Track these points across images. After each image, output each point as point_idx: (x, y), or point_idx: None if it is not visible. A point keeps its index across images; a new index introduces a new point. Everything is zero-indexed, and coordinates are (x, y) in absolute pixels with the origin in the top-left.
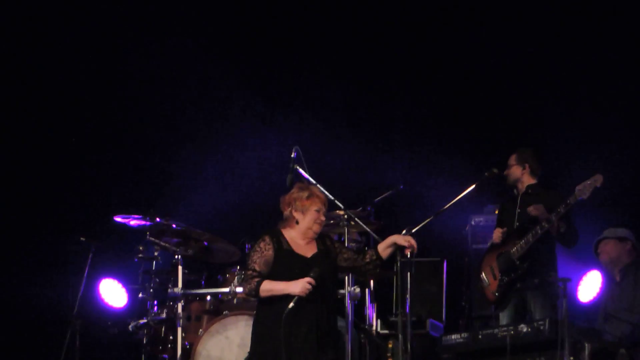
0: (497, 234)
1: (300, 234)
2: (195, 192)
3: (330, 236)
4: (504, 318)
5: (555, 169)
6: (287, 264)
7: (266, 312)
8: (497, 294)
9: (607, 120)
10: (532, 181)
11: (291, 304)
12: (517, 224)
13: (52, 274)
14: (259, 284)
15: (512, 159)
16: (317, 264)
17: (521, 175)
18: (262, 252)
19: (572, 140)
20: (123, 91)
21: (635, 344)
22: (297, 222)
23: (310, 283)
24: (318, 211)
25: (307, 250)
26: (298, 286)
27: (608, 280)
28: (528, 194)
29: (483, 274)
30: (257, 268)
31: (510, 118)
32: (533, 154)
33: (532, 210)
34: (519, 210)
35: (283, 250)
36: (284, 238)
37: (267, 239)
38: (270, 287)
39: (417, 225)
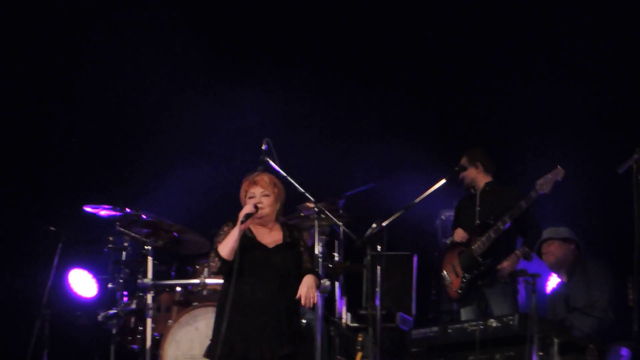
0: (461, 234)
1: (258, 222)
2: (165, 182)
3: (300, 230)
4: (465, 314)
5: (521, 163)
6: (248, 251)
7: (226, 299)
8: (459, 291)
9: (566, 115)
10: (488, 179)
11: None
12: (478, 221)
13: (21, 264)
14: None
15: (463, 162)
16: (278, 254)
17: (476, 175)
18: (224, 234)
19: (532, 135)
20: (90, 79)
21: (603, 336)
22: None
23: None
24: (252, 197)
25: (271, 239)
26: (245, 210)
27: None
28: (486, 192)
29: (444, 272)
30: (219, 250)
31: (479, 112)
32: (482, 152)
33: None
34: (479, 209)
35: (245, 237)
36: (249, 227)
37: (230, 224)
38: (224, 242)
39: (387, 219)
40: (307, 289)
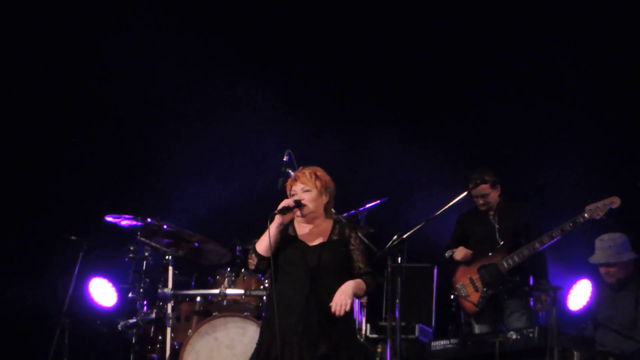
0: (462, 253)
1: (302, 219)
2: (187, 193)
3: (353, 227)
4: (479, 329)
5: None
6: (286, 249)
7: (268, 301)
8: (477, 305)
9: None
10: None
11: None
12: (501, 238)
13: (43, 273)
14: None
15: (485, 188)
16: (316, 253)
17: (497, 196)
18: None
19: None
20: (113, 89)
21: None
22: None
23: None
24: (294, 194)
25: (314, 237)
26: (282, 204)
27: (601, 288)
28: (503, 209)
29: (460, 285)
30: (257, 246)
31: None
32: (493, 171)
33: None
34: (498, 226)
35: (287, 234)
36: (293, 224)
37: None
38: (261, 238)
39: (409, 231)
40: (339, 295)
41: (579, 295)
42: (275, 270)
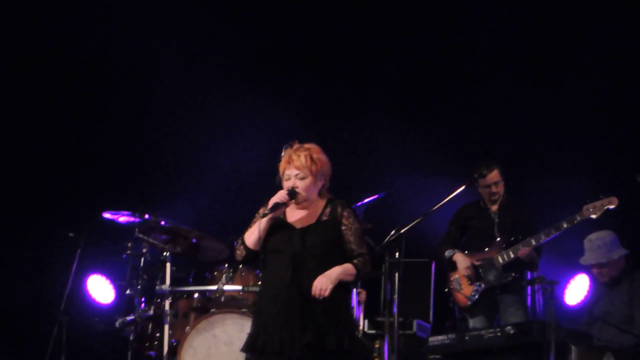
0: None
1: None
2: (184, 188)
3: (345, 206)
4: (474, 323)
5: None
6: (274, 233)
7: (259, 289)
8: (470, 299)
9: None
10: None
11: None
12: (501, 234)
13: (40, 269)
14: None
15: (497, 175)
16: (302, 236)
17: (503, 189)
18: (256, 219)
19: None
20: (112, 85)
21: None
22: None
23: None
24: (287, 179)
25: (304, 219)
26: (275, 198)
27: (596, 284)
28: (504, 204)
29: (455, 278)
30: (245, 237)
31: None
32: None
33: (523, 252)
34: (497, 221)
35: (276, 219)
36: None
37: (262, 208)
38: (251, 229)
39: (406, 226)
40: (320, 279)
41: (577, 290)
42: (264, 258)
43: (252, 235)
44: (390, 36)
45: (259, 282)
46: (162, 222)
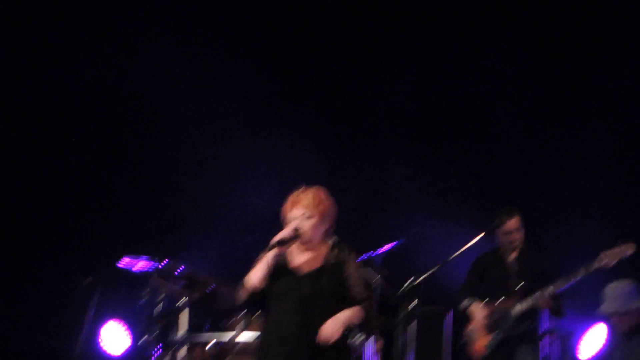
0: (482, 317)
1: (296, 246)
2: (203, 235)
3: (351, 251)
4: None
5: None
6: (278, 278)
7: (262, 334)
8: (487, 349)
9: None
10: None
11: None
12: (519, 283)
13: (56, 314)
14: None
15: (517, 222)
16: (309, 281)
17: (523, 237)
18: (258, 261)
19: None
20: (130, 130)
21: None
22: None
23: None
24: (295, 218)
25: (309, 264)
26: (279, 235)
27: (613, 335)
28: (523, 253)
29: (472, 327)
30: (249, 277)
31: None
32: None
33: (543, 302)
34: (517, 269)
35: (278, 264)
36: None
37: (264, 253)
38: (253, 270)
39: (424, 274)
40: (330, 322)
41: (592, 341)
42: (268, 302)
43: (257, 274)
44: (411, 80)
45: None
46: (180, 269)
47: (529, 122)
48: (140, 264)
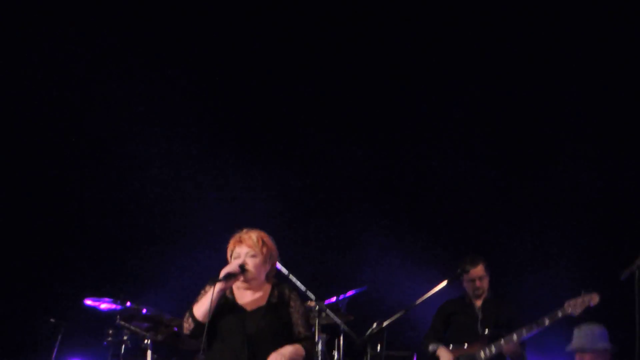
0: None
1: (242, 282)
2: (166, 276)
3: (292, 290)
4: None
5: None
6: (224, 314)
7: None
8: None
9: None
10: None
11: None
12: (485, 329)
13: (21, 356)
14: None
15: (481, 270)
16: (255, 318)
17: (488, 284)
18: (202, 294)
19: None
20: (93, 171)
21: None
22: None
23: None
24: (237, 257)
25: (253, 302)
26: (226, 269)
27: None
28: (488, 300)
29: None
30: (194, 310)
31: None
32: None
33: (507, 348)
34: (481, 317)
35: (224, 298)
36: (231, 288)
37: (208, 286)
38: (200, 302)
39: (388, 319)
40: (274, 356)
41: None
42: (211, 337)
43: (202, 307)
44: (370, 131)
45: None
46: (144, 310)
47: (492, 172)
48: (104, 306)
